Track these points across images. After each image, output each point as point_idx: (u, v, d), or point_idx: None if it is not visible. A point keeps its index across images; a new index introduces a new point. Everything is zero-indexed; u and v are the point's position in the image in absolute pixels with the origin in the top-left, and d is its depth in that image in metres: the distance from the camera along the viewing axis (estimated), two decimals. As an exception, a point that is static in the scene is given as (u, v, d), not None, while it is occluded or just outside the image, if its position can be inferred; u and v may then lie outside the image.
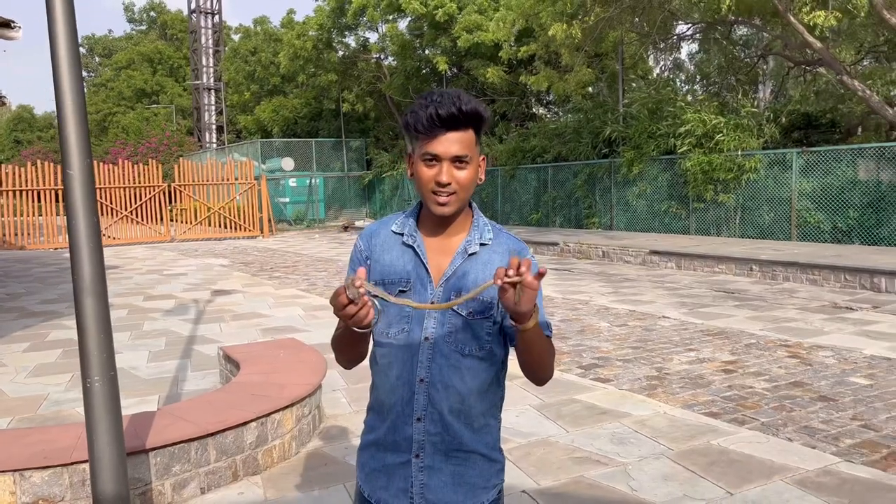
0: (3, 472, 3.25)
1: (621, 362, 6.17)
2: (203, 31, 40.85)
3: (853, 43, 15.09)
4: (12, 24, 8.64)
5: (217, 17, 41.55)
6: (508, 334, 1.66)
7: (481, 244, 1.66)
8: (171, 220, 24.26)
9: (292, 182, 27.04)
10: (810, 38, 12.53)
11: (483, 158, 1.66)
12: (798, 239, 13.23)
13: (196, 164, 24.15)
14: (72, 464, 3.34)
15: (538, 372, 1.63)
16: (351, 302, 1.40)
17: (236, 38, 45.95)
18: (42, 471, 3.32)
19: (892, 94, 14.92)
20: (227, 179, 23.39)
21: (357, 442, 1.59)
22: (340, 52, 26.64)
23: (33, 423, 4.91)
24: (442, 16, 20.23)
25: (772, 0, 12.38)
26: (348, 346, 1.67)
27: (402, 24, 23.90)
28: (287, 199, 26.95)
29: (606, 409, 4.85)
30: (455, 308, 1.60)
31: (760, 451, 4.05)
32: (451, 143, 1.54)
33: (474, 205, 1.72)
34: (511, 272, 1.35)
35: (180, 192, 23.33)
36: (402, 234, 1.67)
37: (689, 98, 16.45)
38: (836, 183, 12.67)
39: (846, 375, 5.56)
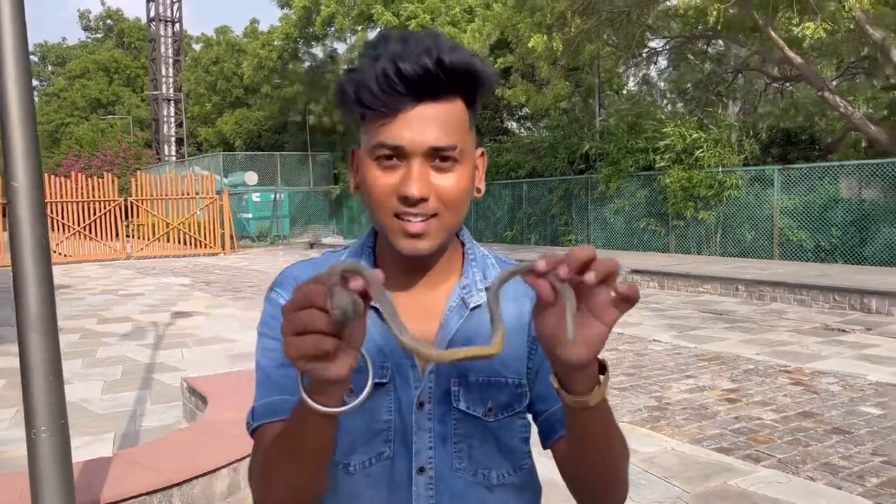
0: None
1: (618, 391, 5.79)
2: (163, 39, 39.87)
3: (833, 59, 15.11)
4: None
5: (178, 25, 40.62)
6: (546, 422, 1.00)
7: (487, 289, 0.99)
8: (128, 237, 23.25)
9: (255, 197, 26.28)
10: (790, 54, 12.40)
11: (482, 154, 1.00)
12: (780, 257, 13.04)
13: (154, 178, 23.24)
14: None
15: (610, 484, 0.92)
16: (344, 322, 0.66)
17: (197, 47, 45.05)
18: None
19: (870, 110, 14.95)
20: (188, 194, 22.53)
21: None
22: (307, 63, 26.06)
23: (-36, 472, 4.22)
24: (415, 27, 19.84)
25: (752, 14, 12.22)
26: (306, 456, 0.82)
27: (372, 35, 23.48)
28: (250, 215, 26.17)
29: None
30: (467, 408, 0.95)
31: (784, 492, 3.69)
32: (424, 123, 0.87)
33: (464, 230, 1.05)
34: (561, 269, 0.69)
35: (137, 206, 22.36)
36: None
37: (668, 112, 16.26)
38: (819, 200, 12.52)
39: (856, 404, 5.28)
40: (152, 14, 39.94)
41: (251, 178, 26.06)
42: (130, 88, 49.76)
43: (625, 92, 22.33)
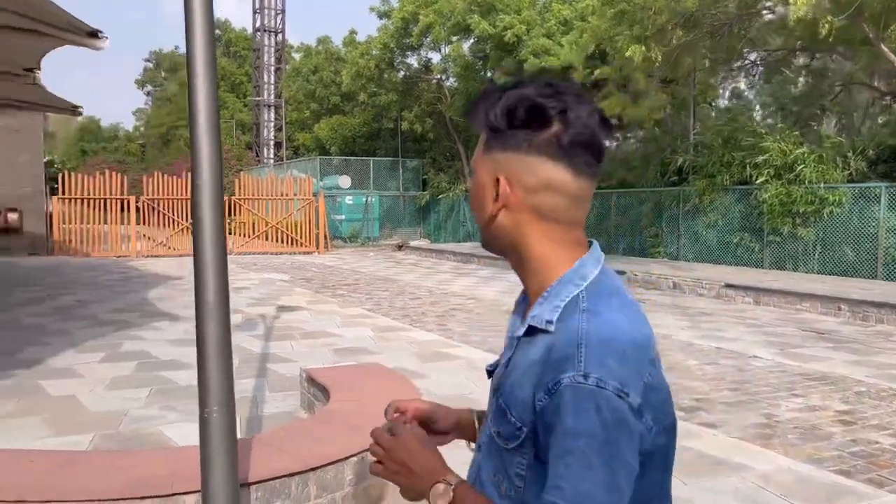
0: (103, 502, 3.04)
1: (723, 405, 5.76)
2: (266, 48, 41.70)
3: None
4: (100, 35, 8.75)
5: (280, 35, 42.39)
6: None
7: (531, 326, 1.05)
8: (229, 233, 24.53)
9: (348, 199, 27.16)
10: (903, 68, 11.96)
11: (498, 181, 1.05)
12: (885, 278, 12.53)
13: (255, 179, 24.42)
14: (172, 495, 3.12)
15: None
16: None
17: (297, 56, 46.81)
18: (139, 502, 3.10)
19: None
20: (286, 195, 23.58)
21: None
22: (402, 73, 26.77)
23: (114, 441, 4.76)
24: (511, 37, 20.09)
25: (863, 27, 11.86)
26: None
27: (465, 45, 23.89)
28: (343, 217, 27.06)
29: (721, 460, 4.46)
30: (489, 422, 1.15)
31: (912, 519, 3.64)
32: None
33: (579, 265, 1.07)
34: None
35: (239, 205, 23.58)
36: None
37: (766, 127, 15.88)
38: (929, 220, 12.00)
39: (981, 434, 5.06)
40: (258, 25, 41.85)
41: (345, 181, 26.95)
42: (234, 94, 52.17)
43: (717, 104, 21.85)
